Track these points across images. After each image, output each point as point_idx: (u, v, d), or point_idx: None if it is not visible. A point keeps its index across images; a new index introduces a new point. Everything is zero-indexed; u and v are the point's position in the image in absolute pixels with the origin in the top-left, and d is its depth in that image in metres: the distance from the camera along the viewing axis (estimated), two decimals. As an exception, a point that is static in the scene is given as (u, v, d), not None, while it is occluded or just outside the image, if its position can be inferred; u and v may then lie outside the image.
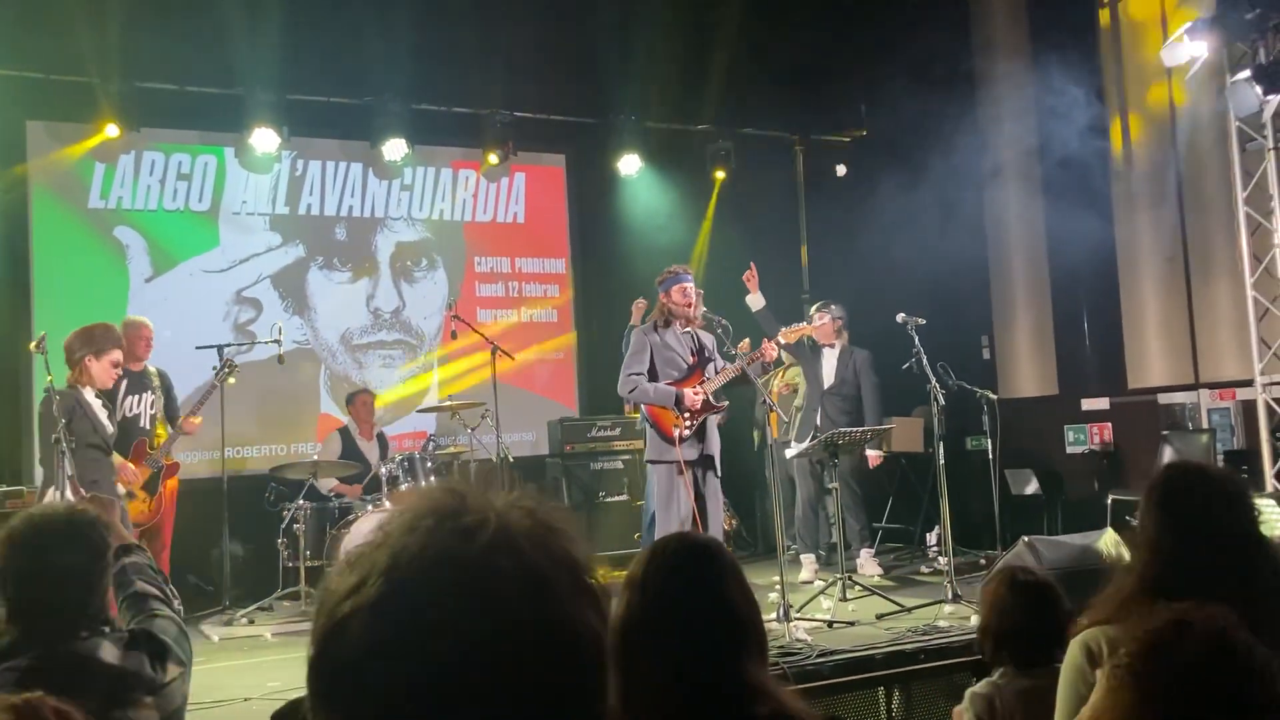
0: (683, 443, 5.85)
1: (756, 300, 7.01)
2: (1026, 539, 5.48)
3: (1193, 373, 8.10)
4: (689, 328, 6.12)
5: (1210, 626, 1.55)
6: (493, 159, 9.12)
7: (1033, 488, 8.44)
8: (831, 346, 7.51)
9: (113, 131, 7.79)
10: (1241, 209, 7.33)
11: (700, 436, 5.96)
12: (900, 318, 6.35)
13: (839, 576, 6.14)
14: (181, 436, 6.71)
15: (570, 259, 9.87)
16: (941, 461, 6.14)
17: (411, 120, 8.67)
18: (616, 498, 8.28)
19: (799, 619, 5.38)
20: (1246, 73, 6.81)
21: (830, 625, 5.40)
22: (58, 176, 8.08)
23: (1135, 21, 8.32)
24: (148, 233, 8.33)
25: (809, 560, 7.28)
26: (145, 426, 6.58)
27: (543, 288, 9.75)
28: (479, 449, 7.63)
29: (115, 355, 5.76)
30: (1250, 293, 7.28)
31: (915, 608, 5.66)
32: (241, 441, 8.21)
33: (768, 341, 6.33)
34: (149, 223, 8.34)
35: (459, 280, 9.40)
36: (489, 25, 8.50)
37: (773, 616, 5.14)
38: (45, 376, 5.65)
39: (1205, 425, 7.76)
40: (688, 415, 5.89)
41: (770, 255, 10.06)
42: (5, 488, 6.78)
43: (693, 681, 1.70)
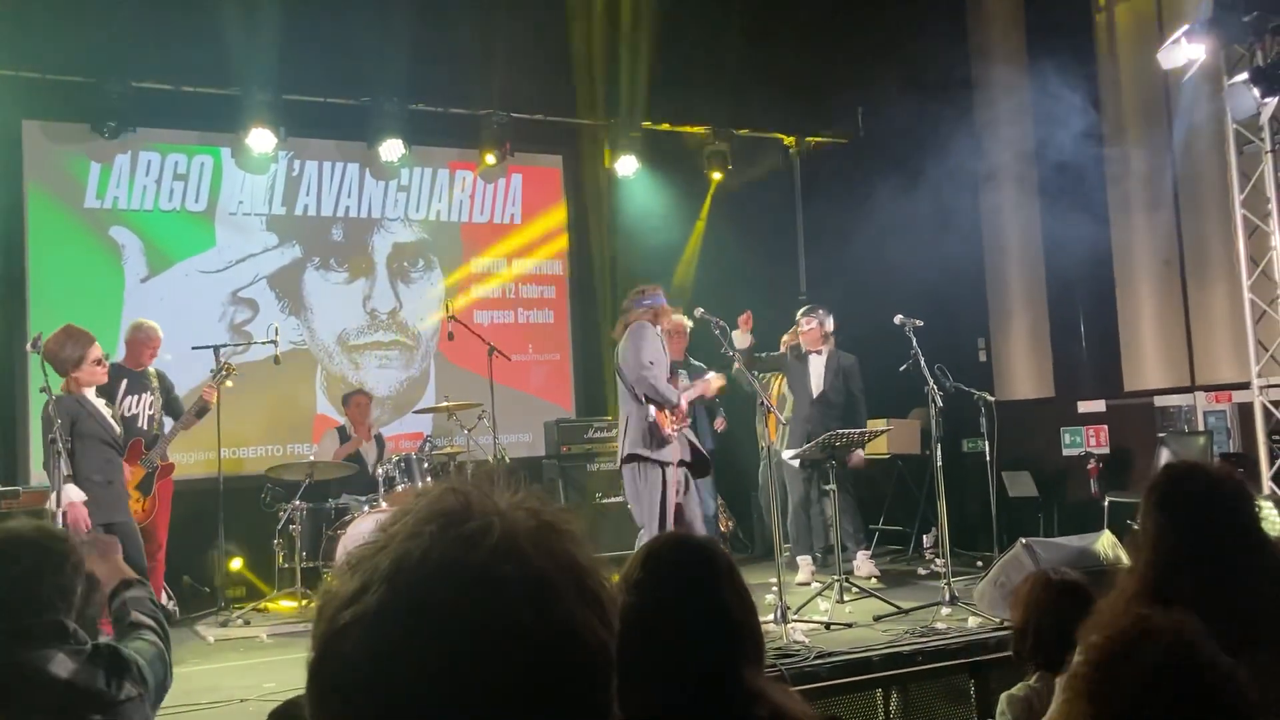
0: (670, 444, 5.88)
1: (743, 339, 6.85)
2: (1024, 541, 5.49)
3: (1189, 375, 8.11)
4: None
5: (1170, 635, 1.51)
6: (489, 159, 9.12)
7: (1029, 490, 8.44)
8: (818, 353, 7.42)
9: (118, 131, 7.77)
10: (1239, 211, 7.34)
11: (683, 438, 6.04)
12: (898, 319, 6.35)
13: (836, 578, 6.13)
14: (176, 438, 6.70)
15: (567, 260, 9.86)
16: (939, 463, 6.14)
17: (408, 121, 8.66)
18: (613, 499, 8.26)
19: (796, 621, 5.38)
20: (1244, 75, 6.81)
21: (828, 627, 5.40)
22: (53, 176, 8.06)
23: (1132, 24, 8.33)
24: (143, 233, 8.31)
25: (805, 562, 7.27)
26: (143, 427, 6.58)
27: (539, 289, 9.74)
28: (475, 450, 7.62)
29: (93, 353, 5.63)
30: (1247, 295, 7.29)
31: (912, 610, 5.66)
32: (238, 442, 8.18)
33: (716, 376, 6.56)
34: (145, 223, 8.32)
35: (455, 281, 9.38)
36: (486, 26, 8.49)
37: (770, 618, 5.13)
38: (41, 377, 5.62)
39: (1201, 428, 7.76)
40: (677, 417, 5.92)
41: (767, 257, 10.09)
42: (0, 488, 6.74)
43: (690, 686, 1.68)
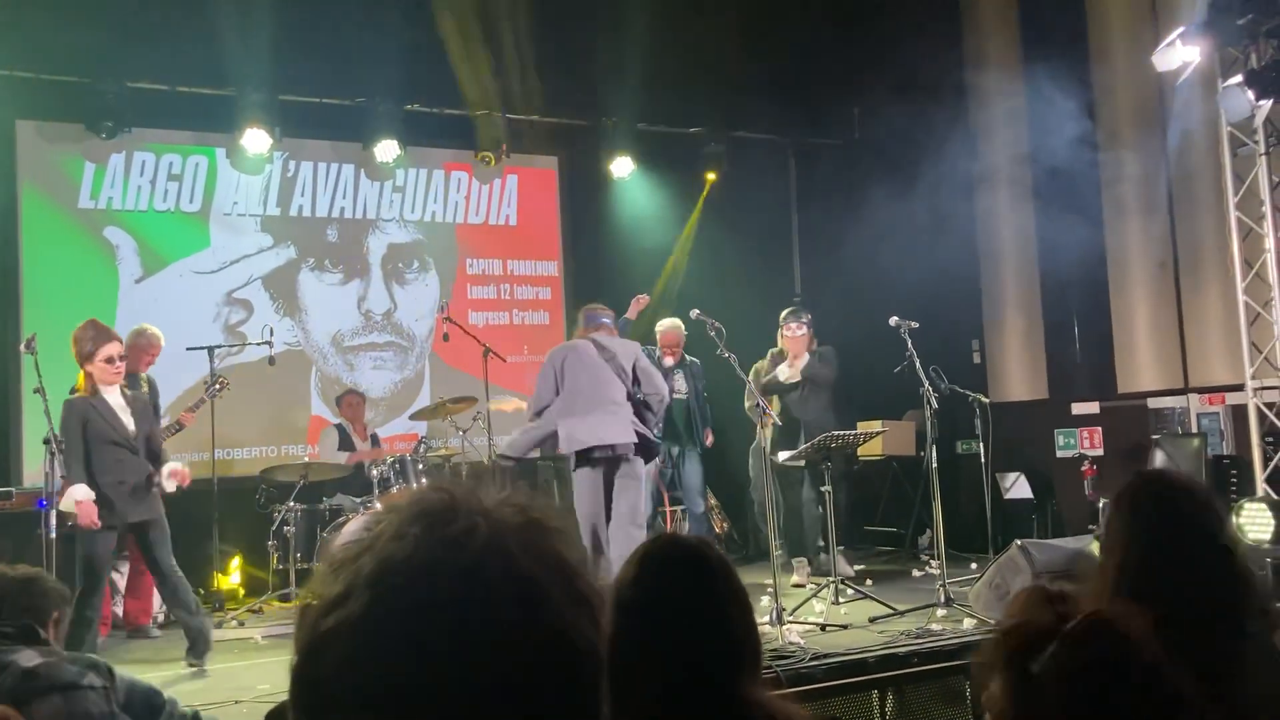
0: None
1: (789, 371, 7.35)
2: (1020, 542, 5.50)
3: (1182, 377, 8.13)
4: None
5: (1109, 633, 1.51)
6: (486, 159, 9.10)
7: (1024, 491, 8.45)
8: (800, 357, 7.40)
9: (112, 131, 7.76)
10: (1233, 214, 7.35)
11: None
12: (893, 321, 6.34)
13: (831, 579, 6.13)
14: (172, 437, 6.67)
15: (562, 261, 9.86)
16: (934, 465, 6.14)
17: (404, 121, 8.65)
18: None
19: (792, 622, 5.38)
20: (1238, 78, 6.82)
21: (823, 628, 5.40)
22: (48, 176, 8.04)
23: (1126, 27, 8.35)
24: (138, 233, 8.29)
25: (800, 564, 7.26)
26: None
27: (534, 290, 9.74)
28: (470, 451, 7.61)
29: (106, 351, 5.59)
30: (1241, 297, 7.30)
31: (908, 611, 5.65)
32: (232, 443, 8.16)
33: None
34: (139, 223, 8.30)
35: (450, 282, 9.38)
36: (481, 26, 8.48)
37: (765, 619, 5.13)
38: (35, 378, 5.60)
39: (1195, 430, 7.78)
40: None
41: (762, 258, 10.10)
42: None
43: (685, 693, 1.66)
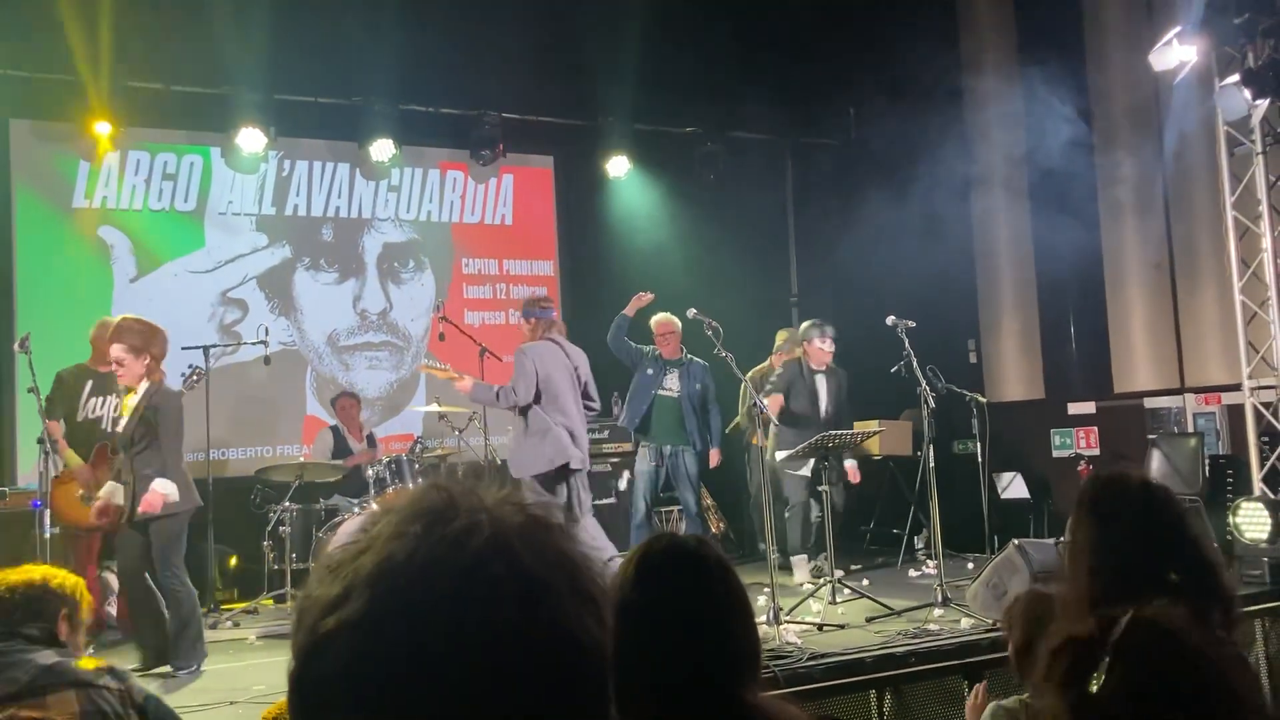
0: None
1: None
2: (1016, 542, 5.49)
3: (1179, 377, 8.13)
4: None
5: (1164, 636, 1.49)
6: (482, 159, 9.08)
7: (1020, 491, 8.44)
8: (822, 372, 7.40)
9: (103, 129, 7.73)
10: (1230, 213, 7.35)
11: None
12: (890, 320, 6.33)
13: (829, 579, 6.12)
14: None
15: (558, 261, 9.84)
16: (931, 464, 6.13)
17: (399, 121, 8.63)
18: (606, 500, 8.24)
19: (789, 622, 5.37)
20: (1235, 77, 6.82)
21: (820, 628, 5.39)
22: (41, 176, 8.01)
23: (1122, 27, 8.35)
24: (132, 233, 8.26)
25: (800, 562, 7.25)
26: (106, 429, 6.44)
27: (530, 290, 9.69)
28: (467, 451, 7.59)
29: (109, 352, 5.59)
30: (1238, 297, 7.30)
31: (905, 610, 5.65)
32: (227, 443, 8.15)
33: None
34: (134, 223, 8.28)
35: (446, 282, 9.36)
36: (478, 26, 8.47)
37: (763, 619, 5.12)
38: (29, 377, 5.59)
39: (1191, 430, 7.78)
40: None
41: (759, 258, 10.10)
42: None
43: (684, 697, 1.63)
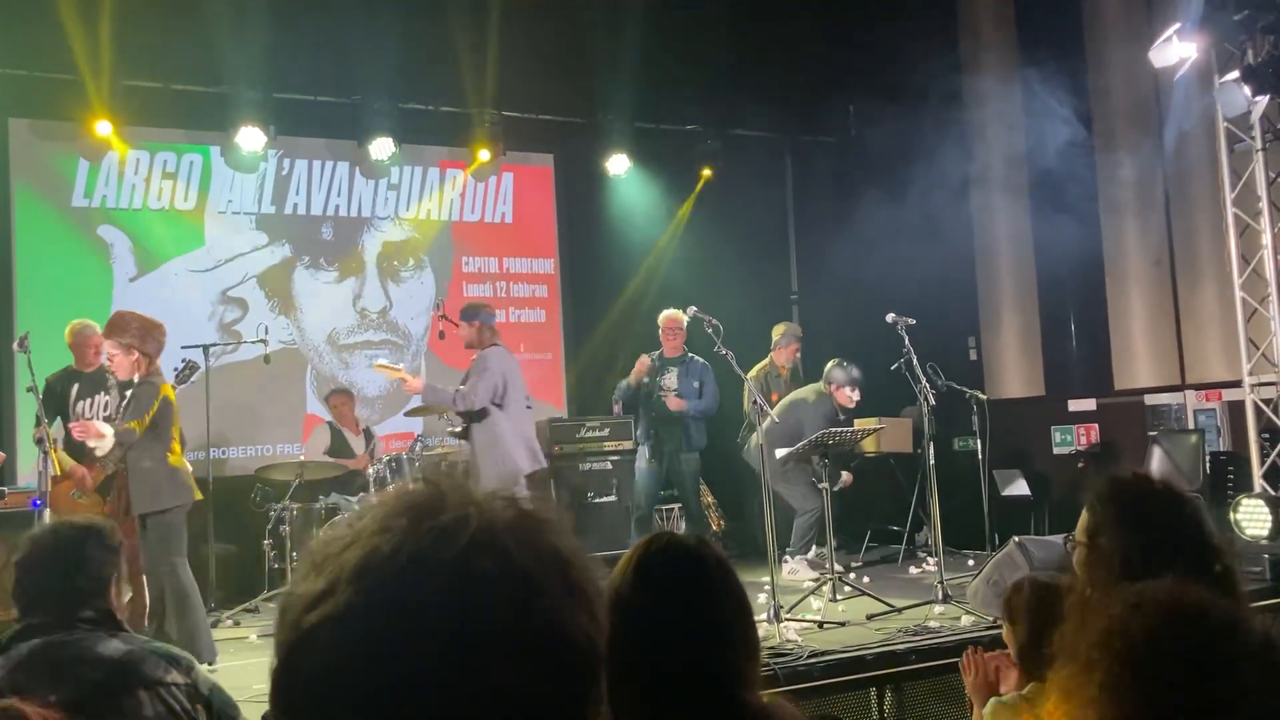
0: None
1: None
2: (1017, 539, 5.48)
3: (1179, 374, 8.12)
4: None
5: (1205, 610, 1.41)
6: (482, 156, 9.07)
7: (1021, 488, 8.44)
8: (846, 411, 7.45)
9: (104, 129, 7.73)
10: (1230, 210, 7.34)
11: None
12: (890, 318, 6.33)
13: (829, 577, 6.12)
14: None
15: (558, 259, 9.83)
16: (931, 462, 6.13)
17: (399, 119, 8.62)
18: (606, 498, 8.23)
19: (789, 619, 5.36)
20: (1235, 74, 6.82)
21: (820, 626, 5.39)
22: (41, 175, 8.01)
23: (1122, 23, 8.34)
24: (132, 232, 8.26)
25: (802, 561, 7.25)
26: None
27: (531, 288, 9.71)
28: (466, 449, 7.58)
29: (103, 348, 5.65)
30: (1239, 294, 7.29)
31: (905, 608, 5.65)
32: (227, 442, 8.15)
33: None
34: (133, 222, 8.27)
35: (446, 280, 9.35)
36: (477, 24, 8.46)
37: (763, 617, 5.12)
38: (28, 376, 5.59)
39: (1192, 426, 7.77)
40: None
41: (758, 256, 10.09)
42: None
43: (682, 702, 1.62)
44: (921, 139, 8.40)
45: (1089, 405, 8.66)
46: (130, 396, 5.28)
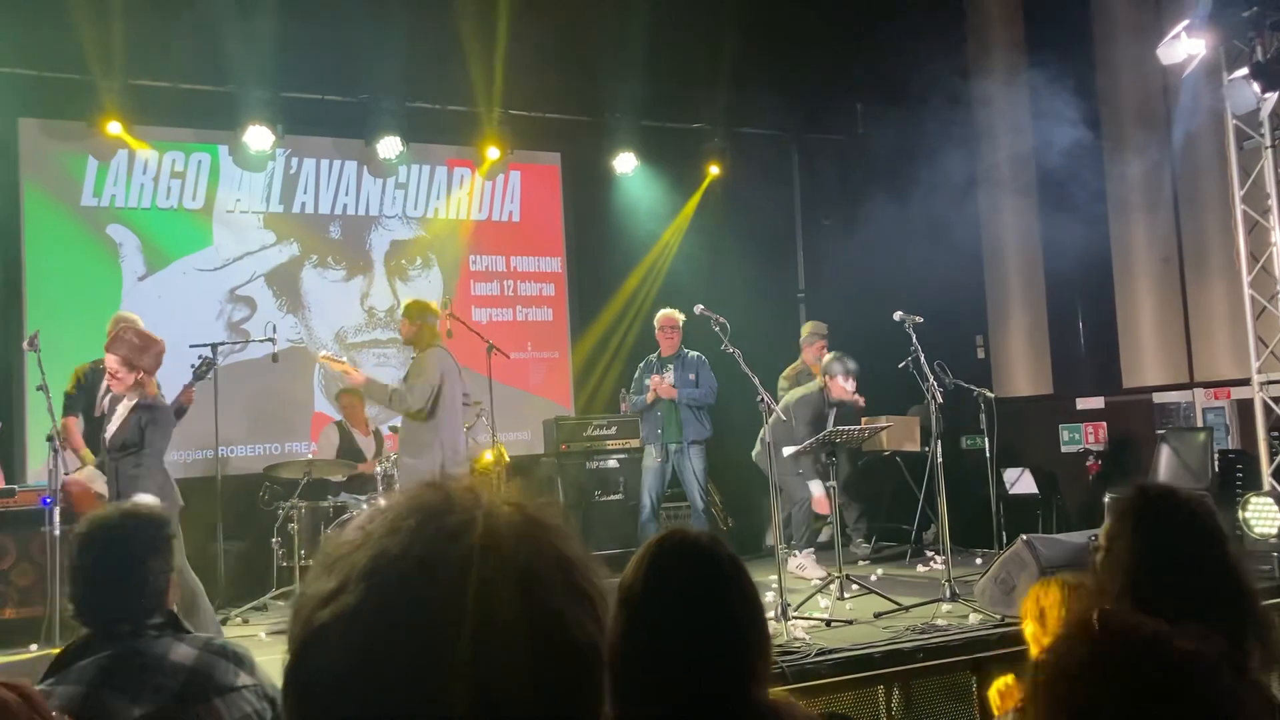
0: None
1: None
2: (1025, 537, 5.48)
3: (1187, 372, 8.11)
4: None
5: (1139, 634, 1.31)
6: (490, 154, 9.08)
7: (1027, 487, 8.43)
8: (834, 406, 7.31)
9: (114, 129, 7.75)
10: (1239, 207, 7.32)
11: None
12: (898, 316, 6.33)
13: (837, 575, 6.12)
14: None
15: (566, 258, 9.84)
16: (939, 460, 6.12)
17: (406, 118, 8.64)
18: (612, 496, 8.25)
19: (797, 617, 5.37)
20: (1244, 71, 6.80)
21: (828, 624, 5.39)
22: (50, 174, 8.03)
23: (1131, 20, 8.32)
24: (141, 231, 8.28)
25: (807, 555, 7.24)
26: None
27: (538, 286, 9.72)
28: (474, 448, 7.60)
29: (106, 358, 5.61)
30: (1247, 291, 7.27)
31: (913, 606, 5.64)
32: (234, 441, 8.16)
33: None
34: (142, 221, 8.29)
35: (454, 279, 9.37)
36: (484, 23, 8.47)
37: (770, 615, 5.12)
38: (38, 375, 5.61)
39: (1200, 424, 7.76)
40: None
41: (766, 254, 10.09)
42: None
43: (694, 700, 1.61)
44: (928, 137, 8.39)
45: (1097, 403, 8.65)
46: (154, 427, 5.26)
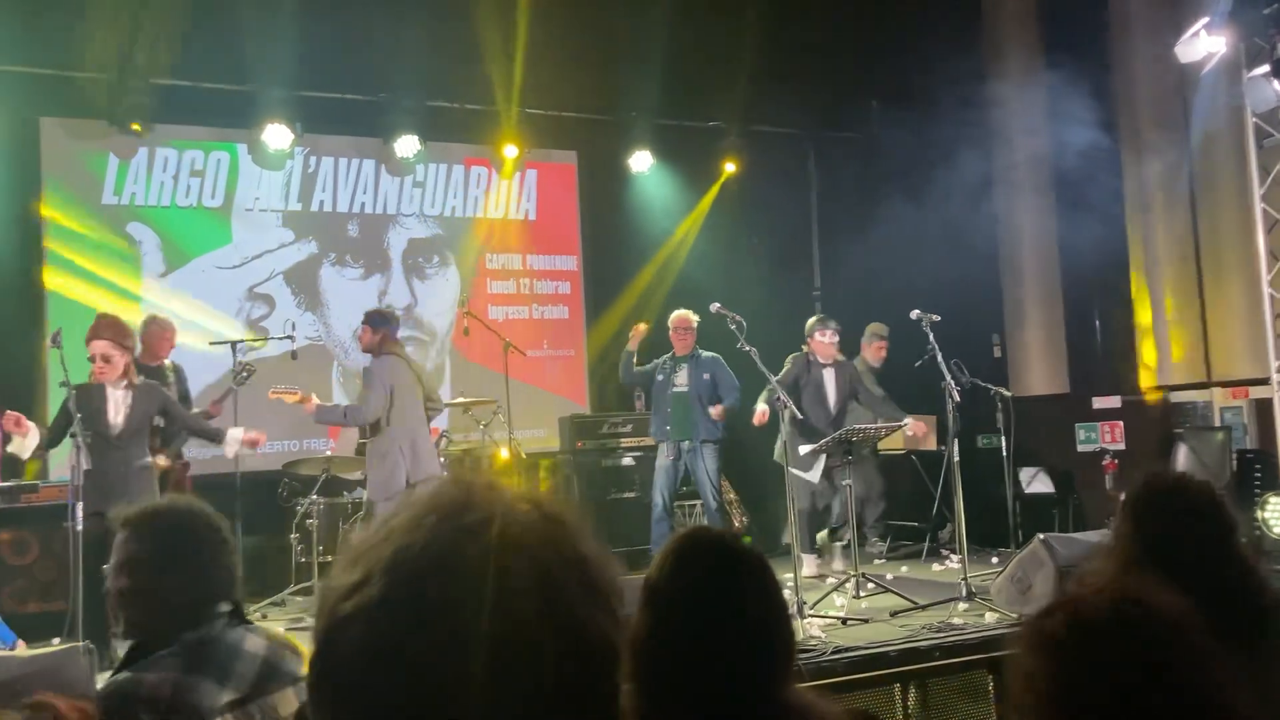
0: None
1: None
2: (1042, 537, 5.47)
3: (1205, 371, 8.07)
4: None
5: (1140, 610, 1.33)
6: (507, 153, 9.11)
7: (1043, 486, 8.41)
8: (829, 365, 7.40)
9: (131, 126, 7.81)
10: (1259, 205, 7.29)
11: None
12: (915, 314, 6.31)
13: (852, 573, 6.13)
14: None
15: (581, 256, 9.86)
16: (956, 459, 6.12)
17: (424, 117, 8.69)
18: (628, 494, 8.27)
19: (813, 615, 5.38)
20: (1264, 68, 6.77)
21: (844, 622, 5.39)
22: (71, 173, 8.10)
23: (1148, 18, 8.28)
24: (161, 229, 8.34)
25: (809, 559, 7.25)
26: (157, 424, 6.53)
27: (554, 284, 9.75)
28: (491, 445, 7.63)
29: (91, 349, 5.64)
30: (1267, 290, 7.24)
31: (929, 605, 5.64)
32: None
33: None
34: (162, 219, 8.36)
35: (471, 277, 9.40)
36: (501, 22, 8.49)
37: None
38: (60, 372, 5.65)
39: (1218, 424, 7.72)
40: None
41: (781, 253, 10.09)
42: (19, 481, 6.76)
43: (720, 698, 1.60)
44: (944, 136, 8.37)
45: (1114, 403, 8.62)
46: (171, 405, 5.30)
